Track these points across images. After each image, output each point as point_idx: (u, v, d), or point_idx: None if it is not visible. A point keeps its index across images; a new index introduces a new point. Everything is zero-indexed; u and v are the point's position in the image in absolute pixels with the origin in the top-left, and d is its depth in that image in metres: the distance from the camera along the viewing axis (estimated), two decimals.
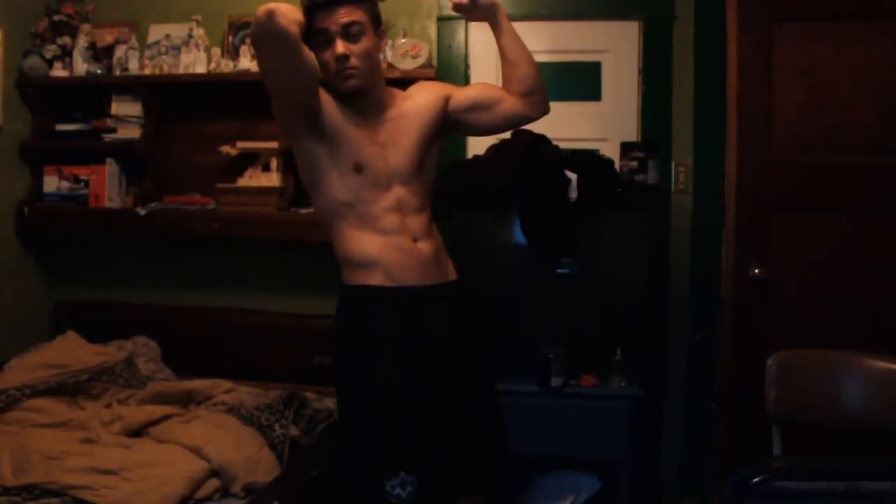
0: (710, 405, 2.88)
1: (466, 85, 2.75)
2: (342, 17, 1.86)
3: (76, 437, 2.45)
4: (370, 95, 1.96)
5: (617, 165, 2.69)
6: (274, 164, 3.04)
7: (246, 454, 2.34)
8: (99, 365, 2.79)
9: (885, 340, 2.40)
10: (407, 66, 2.93)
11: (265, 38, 1.74)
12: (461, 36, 3.07)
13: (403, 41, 2.97)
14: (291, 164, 2.66)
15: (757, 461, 1.51)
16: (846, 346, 2.07)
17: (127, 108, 3.13)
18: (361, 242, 1.93)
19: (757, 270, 2.73)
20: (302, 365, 2.97)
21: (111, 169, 3.14)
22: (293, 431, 2.57)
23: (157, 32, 3.19)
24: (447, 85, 2.16)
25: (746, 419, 2.46)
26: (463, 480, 1.98)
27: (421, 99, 2.04)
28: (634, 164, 2.65)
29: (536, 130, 2.53)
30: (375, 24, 1.94)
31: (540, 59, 2.22)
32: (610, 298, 2.62)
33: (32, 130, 3.21)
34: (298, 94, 1.86)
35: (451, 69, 3.05)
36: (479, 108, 2.06)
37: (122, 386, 2.80)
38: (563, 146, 2.69)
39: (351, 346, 1.95)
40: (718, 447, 2.82)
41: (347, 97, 1.93)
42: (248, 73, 2.99)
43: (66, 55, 3.17)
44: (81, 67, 3.15)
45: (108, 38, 3.21)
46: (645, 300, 2.61)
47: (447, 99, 2.05)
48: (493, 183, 2.56)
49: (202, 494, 2.21)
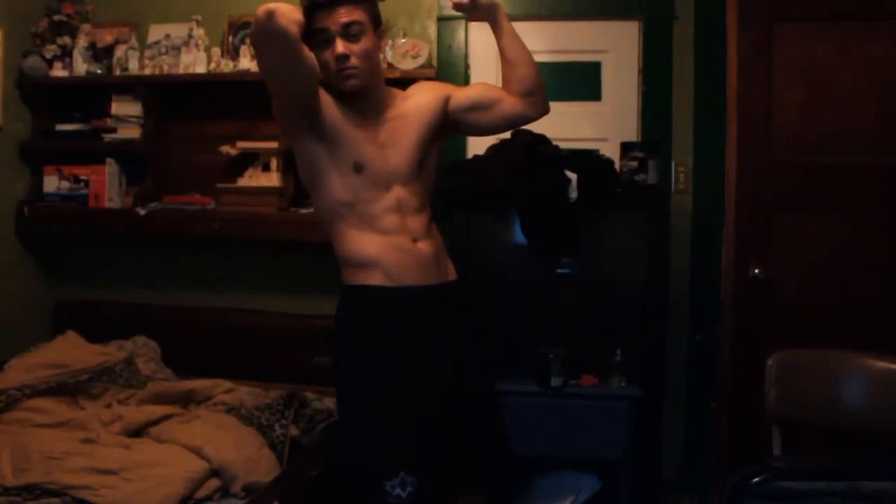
0: (710, 405, 2.88)
1: (466, 85, 2.74)
2: (342, 16, 1.86)
3: (76, 437, 2.45)
4: (370, 95, 1.96)
5: (617, 165, 2.69)
6: (274, 164, 3.04)
7: (246, 454, 2.34)
8: (99, 365, 2.79)
9: (885, 340, 2.40)
10: (407, 66, 2.93)
11: (265, 38, 1.74)
12: (461, 36, 3.07)
13: (403, 41, 2.97)
14: (291, 164, 2.66)
15: (757, 461, 1.50)
16: (846, 346, 2.07)
17: (127, 108, 3.13)
18: (361, 242, 1.93)
19: (757, 270, 2.73)
20: (302, 365, 2.97)
21: (111, 169, 3.14)
22: (293, 431, 2.57)
23: (157, 32, 3.19)
24: (447, 85, 2.17)
25: (746, 419, 2.47)
26: (463, 480, 1.98)
27: (421, 99, 2.04)
28: (634, 164, 2.65)
29: (536, 130, 2.53)
30: (375, 24, 1.94)
31: (540, 59, 2.22)
32: (610, 298, 2.62)
33: (32, 130, 3.21)
34: (298, 94, 1.86)
35: (451, 69, 3.05)
36: (479, 108, 2.06)
37: (122, 386, 2.80)
38: (563, 146, 2.69)
39: (351, 346, 1.95)
40: (718, 447, 2.82)
41: (347, 97, 1.93)
42: (248, 73, 2.99)
43: (66, 55, 3.17)
44: (81, 67, 3.15)
45: (108, 38, 3.21)
46: (645, 300, 2.61)
47: (447, 99, 2.06)
48: (493, 183, 2.56)
49: (202, 494, 2.21)
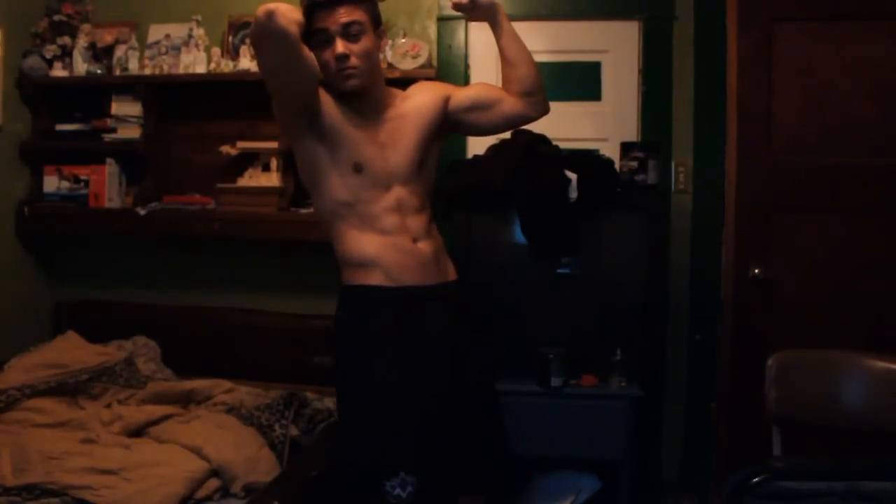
0: (710, 405, 2.88)
1: (466, 85, 2.74)
2: (342, 16, 1.86)
3: (76, 437, 2.45)
4: (370, 95, 1.96)
5: (617, 165, 2.69)
6: (274, 164, 3.04)
7: (246, 454, 2.34)
8: (99, 365, 2.79)
9: (885, 340, 2.40)
10: (407, 66, 2.93)
11: (265, 38, 1.74)
12: (461, 36, 3.07)
13: (403, 41, 2.97)
14: (291, 164, 2.66)
15: (757, 461, 1.50)
16: (846, 346, 2.07)
17: (127, 108, 3.13)
18: (361, 242, 1.93)
19: (757, 270, 2.73)
20: (302, 365, 2.97)
21: (111, 169, 3.14)
22: (293, 431, 2.57)
23: (157, 32, 3.18)
24: (447, 85, 2.17)
25: (746, 419, 2.47)
26: (463, 480, 1.98)
27: (421, 99, 2.04)
28: (634, 164, 2.65)
29: (536, 130, 2.53)
30: (375, 23, 1.94)
31: (540, 59, 2.22)
32: (610, 298, 2.62)
33: (32, 130, 3.21)
34: (298, 94, 1.86)
35: (451, 69, 3.05)
36: (478, 108, 2.06)
37: (122, 386, 2.80)
38: (563, 146, 2.69)
39: (351, 346, 1.95)
40: (718, 447, 2.82)
41: (347, 97, 1.93)
42: (248, 73, 2.99)
43: (66, 55, 3.17)
44: (81, 67, 3.15)
45: (108, 38, 3.21)
46: (645, 300, 2.61)
47: (447, 99, 2.06)
48: (493, 183, 2.56)
49: (202, 494, 2.21)
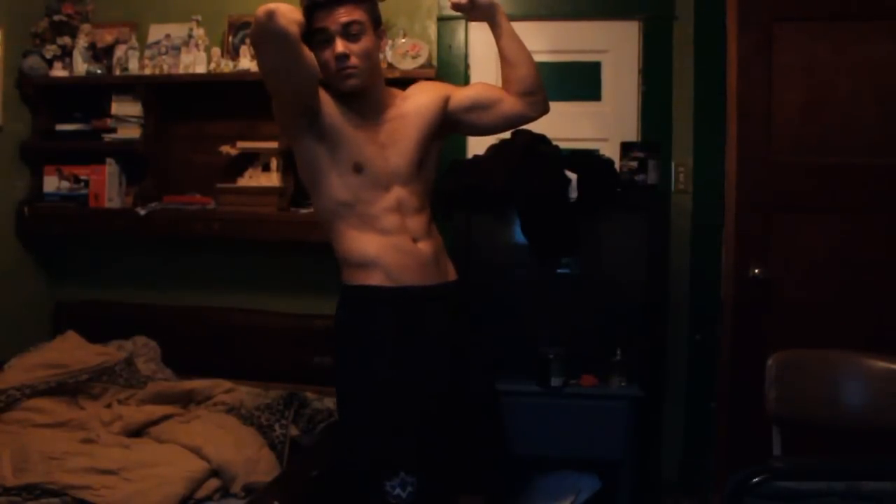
0: (710, 405, 2.88)
1: (466, 85, 2.74)
2: (342, 16, 1.86)
3: (76, 437, 2.45)
4: (370, 95, 1.96)
5: (617, 165, 2.69)
6: (274, 164, 3.04)
7: (246, 454, 2.34)
8: (99, 365, 2.79)
9: (885, 340, 2.40)
10: (407, 66, 2.93)
11: (265, 38, 1.74)
12: (461, 36, 3.07)
13: (403, 41, 2.97)
14: (291, 164, 2.66)
15: (757, 461, 1.50)
16: (846, 346, 2.07)
17: (127, 108, 3.12)
18: (361, 242, 1.93)
19: (757, 270, 2.73)
20: (302, 365, 2.97)
21: (111, 169, 3.14)
22: (293, 431, 2.57)
23: (157, 32, 3.19)
24: (447, 85, 2.17)
25: (746, 419, 2.46)
26: (463, 480, 1.98)
27: (421, 99, 2.04)
28: (634, 164, 2.66)
29: (536, 130, 2.53)
30: (375, 23, 1.94)
31: (540, 59, 2.22)
32: (610, 298, 2.62)
33: (32, 130, 3.21)
34: (298, 94, 1.86)
35: (451, 69, 3.06)
36: (478, 108, 2.06)
37: (122, 386, 2.80)
38: (563, 146, 2.69)
39: (351, 345, 1.95)
40: (718, 447, 2.82)
41: (347, 97, 1.93)
42: (248, 73, 2.99)
43: (66, 55, 3.17)
44: (81, 67, 3.15)
45: (108, 38, 3.21)
46: (645, 300, 2.61)
47: (447, 99, 2.05)
48: (493, 183, 2.56)
49: (202, 494, 2.21)
